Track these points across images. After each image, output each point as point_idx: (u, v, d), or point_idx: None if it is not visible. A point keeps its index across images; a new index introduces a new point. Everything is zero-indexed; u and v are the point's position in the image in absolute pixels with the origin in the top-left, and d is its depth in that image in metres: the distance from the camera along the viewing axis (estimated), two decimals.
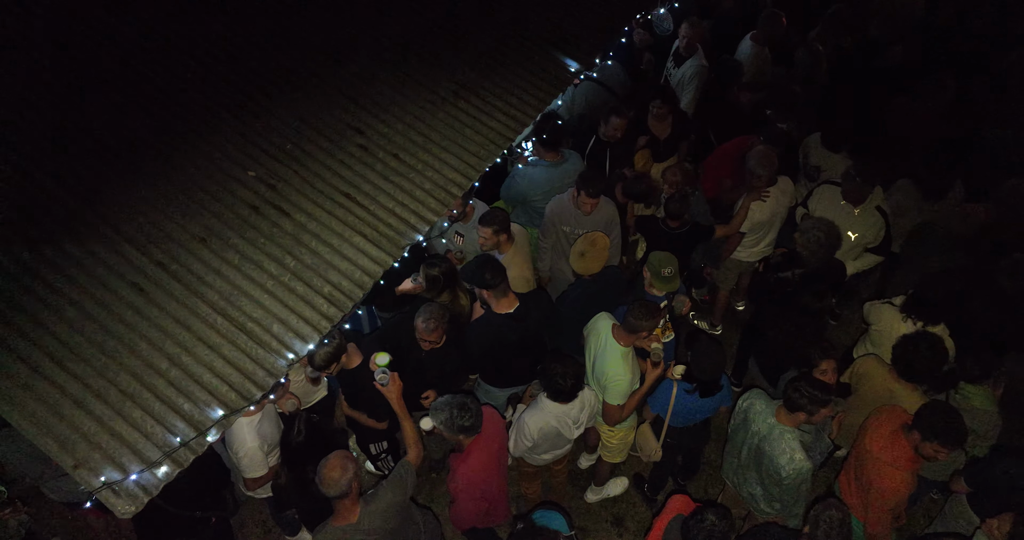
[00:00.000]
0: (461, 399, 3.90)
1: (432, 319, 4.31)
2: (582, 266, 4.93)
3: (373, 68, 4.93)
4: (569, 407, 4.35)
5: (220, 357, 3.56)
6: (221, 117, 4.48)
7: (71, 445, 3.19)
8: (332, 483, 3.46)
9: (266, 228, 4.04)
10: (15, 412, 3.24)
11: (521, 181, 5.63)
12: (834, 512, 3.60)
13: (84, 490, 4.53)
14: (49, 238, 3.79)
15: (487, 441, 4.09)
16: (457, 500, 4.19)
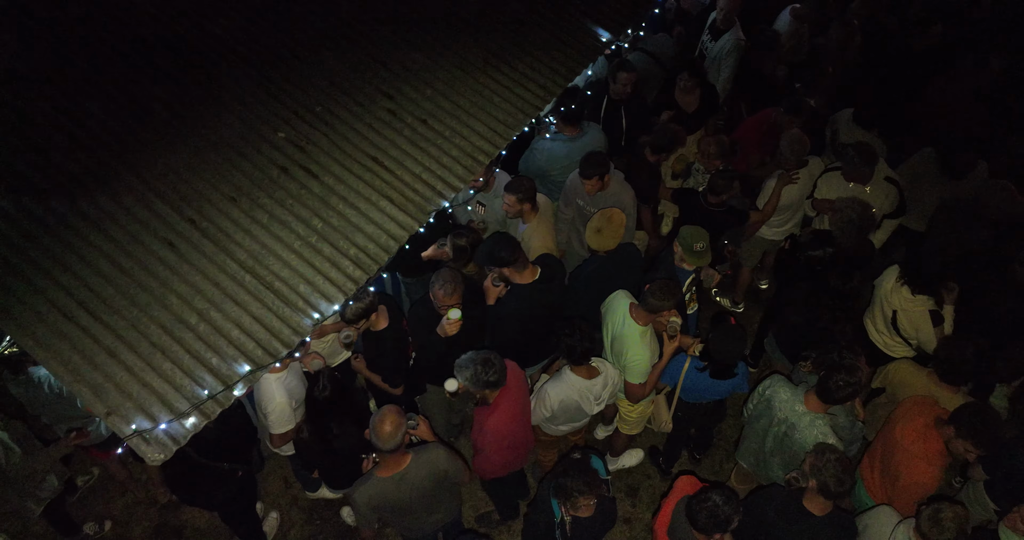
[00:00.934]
0: (484, 355, 3.96)
1: (449, 283, 4.30)
2: (598, 242, 4.89)
3: (404, 33, 4.91)
4: (592, 382, 4.39)
5: (248, 314, 3.62)
6: (253, 78, 4.50)
7: (103, 393, 3.29)
8: (387, 437, 3.60)
9: (295, 189, 4.08)
10: (52, 359, 3.34)
11: (539, 156, 5.62)
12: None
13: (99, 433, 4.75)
14: (85, 193, 3.85)
15: (512, 393, 4.16)
16: (484, 451, 4.27)
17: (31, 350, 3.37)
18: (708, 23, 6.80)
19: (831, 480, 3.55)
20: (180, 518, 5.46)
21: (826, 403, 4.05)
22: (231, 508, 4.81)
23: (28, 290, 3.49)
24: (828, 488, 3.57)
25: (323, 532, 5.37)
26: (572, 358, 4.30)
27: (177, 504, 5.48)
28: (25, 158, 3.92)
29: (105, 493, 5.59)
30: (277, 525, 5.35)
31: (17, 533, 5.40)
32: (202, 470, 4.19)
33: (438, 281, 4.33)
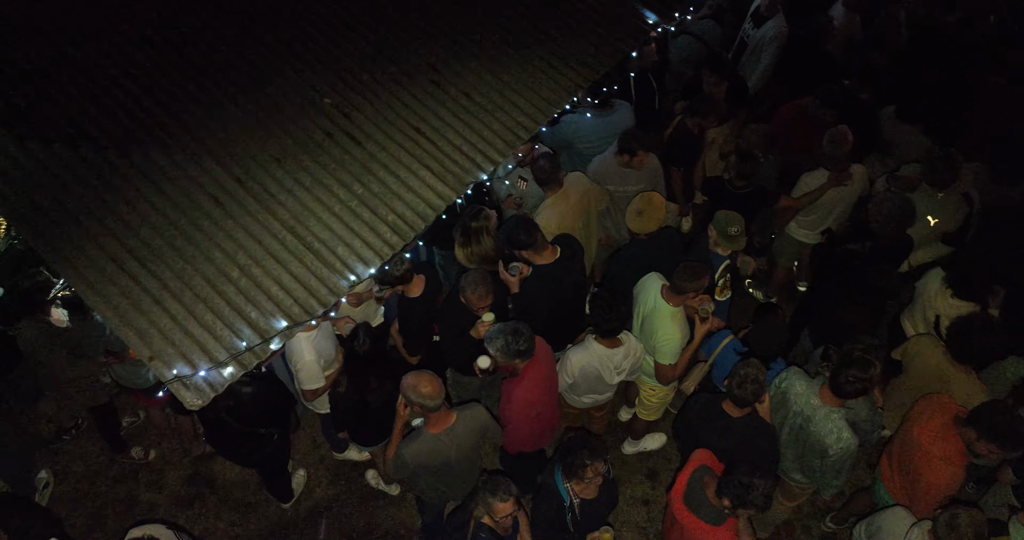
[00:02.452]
0: (513, 325, 4.04)
1: (480, 285, 4.33)
2: (639, 225, 4.89)
3: (452, 6, 4.96)
4: (614, 352, 4.46)
5: (287, 272, 3.73)
6: (304, 43, 4.58)
7: (148, 338, 3.42)
8: (432, 396, 3.74)
9: (338, 154, 4.17)
10: (102, 303, 3.48)
11: (566, 128, 5.63)
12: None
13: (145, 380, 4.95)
14: (139, 147, 3.97)
15: (539, 364, 4.25)
16: (511, 423, 4.36)
17: (83, 293, 3.52)
18: (751, 10, 6.74)
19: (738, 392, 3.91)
20: (212, 470, 5.68)
21: (838, 397, 4.07)
22: (265, 466, 5.02)
23: (83, 236, 3.63)
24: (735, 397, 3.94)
25: (347, 493, 5.53)
26: (600, 330, 4.36)
27: (210, 456, 5.71)
28: (85, 111, 4.04)
29: (145, 439, 5.83)
30: (304, 483, 5.53)
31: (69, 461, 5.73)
32: (240, 432, 4.36)
33: (469, 285, 4.35)
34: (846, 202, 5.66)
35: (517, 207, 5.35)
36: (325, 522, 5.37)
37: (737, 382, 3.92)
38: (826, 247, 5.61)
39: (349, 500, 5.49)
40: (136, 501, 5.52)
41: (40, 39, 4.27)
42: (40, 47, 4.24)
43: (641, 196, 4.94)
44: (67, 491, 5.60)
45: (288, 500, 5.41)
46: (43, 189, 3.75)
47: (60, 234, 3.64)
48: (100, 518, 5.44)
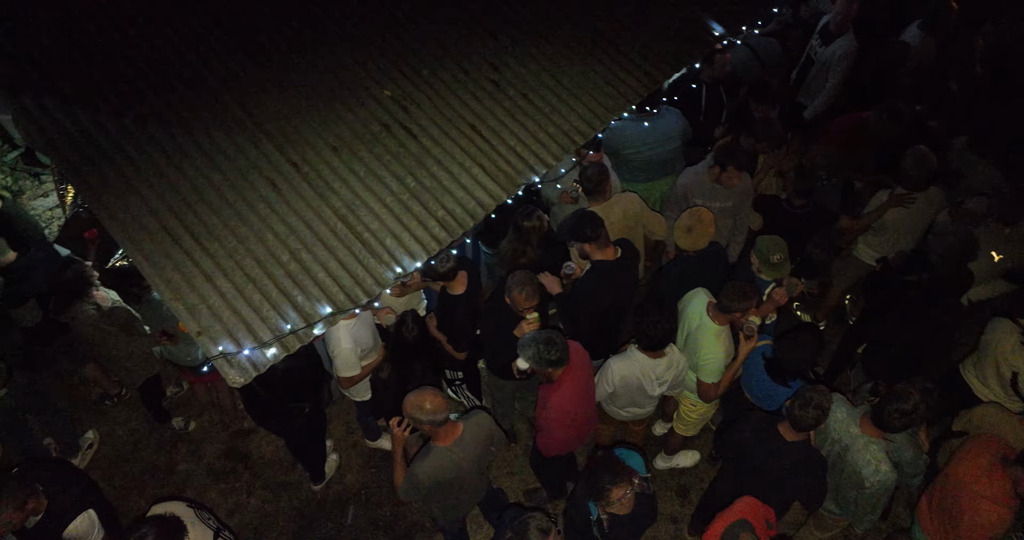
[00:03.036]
0: (547, 334, 4.02)
1: (527, 286, 4.32)
2: (688, 241, 4.82)
3: (516, 6, 4.98)
4: (656, 362, 4.42)
5: (335, 259, 3.80)
6: (367, 35, 4.65)
7: (197, 313, 3.52)
8: (438, 410, 3.69)
9: (393, 146, 4.23)
10: (156, 276, 3.59)
11: (611, 135, 5.57)
12: None
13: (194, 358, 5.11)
14: (202, 126, 4.08)
15: (576, 371, 4.23)
16: (547, 429, 4.36)
17: (139, 265, 3.63)
18: (819, 27, 6.60)
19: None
20: (248, 446, 5.82)
21: (880, 429, 3.95)
22: (298, 439, 5.11)
23: (144, 209, 3.75)
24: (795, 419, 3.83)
25: (376, 482, 5.60)
26: (644, 343, 4.34)
27: (247, 432, 5.87)
28: (155, 88, 4.17)
29: (187, 411, 6.01)
30: (336, 467, 5.63)
31: (113, 425, 5.92)
32: (273, 403, 4.45)
33: (515, 285, 4.33)
34: (920, 225, 5.49)
35: (574, 201, 5.32)
36: (353, 508, 5.45)
37: (800, 404, 3.82)
38: (881, 275, 5.46)
39: (378, 489, 5.56)
40: (174, 470, 5.70)
41: (120, 18, 4.41)
42: (119, 25, 4.38)
43: (690, 212, 4.86)
44: (109, 454, 5.80)
45: (320, 480, 5.51)
46: (111, 162, 3.88)
47: (122, 206, 3.76)
48: (139, 483, 5.62)
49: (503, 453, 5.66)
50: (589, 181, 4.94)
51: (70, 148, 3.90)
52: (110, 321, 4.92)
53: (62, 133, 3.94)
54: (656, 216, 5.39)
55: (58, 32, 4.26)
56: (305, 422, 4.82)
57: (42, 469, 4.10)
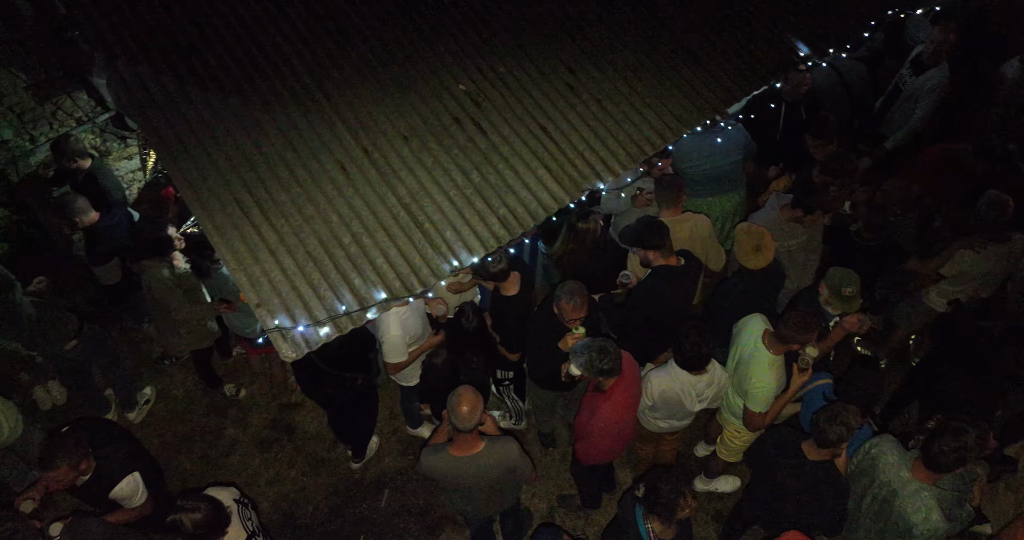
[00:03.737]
0: (600, 343, 4.00)
1: (577, 296, 4.26)
2: (756, 261, 4.71)
3: (597, 10, 4.97)
4: (697, 379, 4.38)
5: (395, 246, 3.87)
6: (448, 29, 4.71)
7: (259, 286, 3.64)
8: (465, 417, 3.66)
9: (462, 140, 4.28)
10: (223, 246, 3.72)
11: (671, 147, 5.44)
12: None
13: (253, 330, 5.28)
14: (281, 104, 4.20)
15: (627, 382, 4.19)
16: (590, 437, 4.32)
17: (208, 233, 3.77)
18: (911, 56, 6.38)
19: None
20: (294, 419, 5.99)
21: (933, 472, 3.76)
22: (346, 412, 5.21)
23: (218, 180, 3.89)
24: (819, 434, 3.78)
25: (413, 469, 5.67)
26: (682, 362, 4.30)
27: (294, 405, 6.04)
28: (241, 65, 4.31)
29: (240, 378, 6.22)
30: (376, 449, 5.74)
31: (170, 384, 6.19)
32: (325, 374, 4.56)
33: (564, 295, 4.27)
34: (996, 273, 5.20)
35: (648, 203, 5.28)
36: (388, 492, 5.54)
37: (826, 418, 3.75)
38: (951, 319, 5.23)
39: (414, 476, 5.64)
40: (222, 434, 5.91)
41: None
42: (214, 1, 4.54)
43: (753, 233, 4.75)
44: (163, 412, 6.06)
45: (361, 457, 5.62)
46: (192, 131, 4.03)
47: (199, 175, 3.91)
48: (187, 443, 5.85)
49: (539, 458, 5.67)
50: (664, 190, 4.89)
51: (155, 115, 4.08)
52: (177, 283, 5.14)
53: (150, 100, 4.11)
54: (719, 249, 5.28)
55: (157, 2, 4.44)
56: (355, 395, 4.92)
57: (92, 429, 4.25)
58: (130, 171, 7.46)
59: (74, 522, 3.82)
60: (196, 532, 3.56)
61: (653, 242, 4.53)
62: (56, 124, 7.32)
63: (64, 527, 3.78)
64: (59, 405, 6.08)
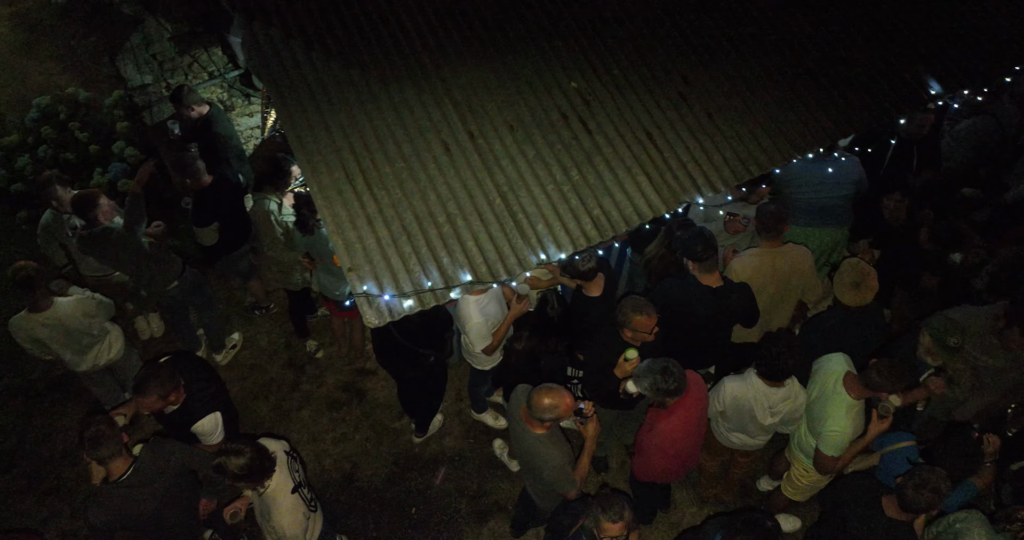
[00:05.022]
0: (663, 363, 3.97)
1: (646, 305, 4.21)
2: (854, 298, 4.55)
3: (722, 22, 4.91)
4: (772, 391, 4.30)
5: (486, 232, 3.95)
6: (569, 26, 4.73)
7: (352, 251, 3.78)
8: (544, 409, 3.80)
9: (567, 137, 4.31)
10: (325, 208, 3.89)
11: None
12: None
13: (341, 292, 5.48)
14: (398, 79, 4.33)
15: (691, 403, 4.15)
16: (647, 453, 4.33)
17: (314, 194, 3.93)
18: None
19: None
20: (365, 384, 6.22)
21: None
22: (415, 386, 5.37)
23: (329, 145, 4.05)
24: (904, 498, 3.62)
25: (471, 452, 5.80)
26: (764, 372, 4.23)
27: (367, 372, 6.26)
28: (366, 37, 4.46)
29: (321, 338, 6.49)
30: (438, 427, 5.89)
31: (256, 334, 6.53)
32: (400, 346, 4.71)
33: (633, 309, 4.20)
34: None
35: (742, 229, 5.19)
36: (444, 471, 5.68)
37: (914, 484, 3.60)
38: None
39: (471, 460, 5.76)
40: (297, 388, 6.19)
41: None
42: None
43: (855, 269, 4.58)
44: (246, 358, 6.40)
45: (423, 433, 5.78)
46: (312, 96, 4.20)
47: (312, 138, 4.08)
48: (264, 392, 6.16)
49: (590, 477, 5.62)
50: (766, 218, 4.77)
51: (281, 77, 4.27)
52: (279, 225, 5.40)
53: (277, 62, 4.31)
54: (818, 283, 5.12)
55: None
56: (425, 372, 5.05)
57: (188, 364, 4.52)
58: (250, 127, 7.87)
59: (155, 442, 4.10)
60: (240, 475, 3.73)
61: (697, 254, 4.48)
62: (191, 75, 7.81)
63: (145, 446, 4.06)
64: (156, 337, 6.53)
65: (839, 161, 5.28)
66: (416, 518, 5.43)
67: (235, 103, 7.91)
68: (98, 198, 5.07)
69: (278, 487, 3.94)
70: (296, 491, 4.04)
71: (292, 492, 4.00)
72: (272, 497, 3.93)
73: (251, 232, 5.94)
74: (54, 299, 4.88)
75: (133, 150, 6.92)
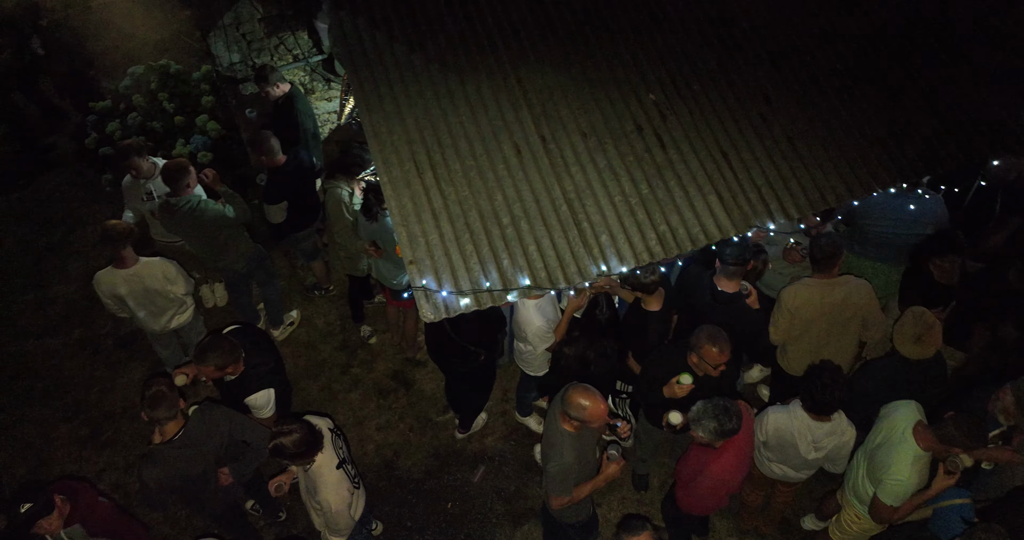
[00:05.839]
0: (722, 403, 3.84)
1: (722, 339, 4.05)
2: (914, 351, 4.31)
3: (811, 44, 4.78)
4: (817, 425, 4.18)
5: (549, 237, 3.95)
6: (651, 36, 4.69)
7: (416, 244, 3.84)
8: (579, 406, 3.75)
9: (639, 149, 4.28)
10: (393, 198, 3.95)
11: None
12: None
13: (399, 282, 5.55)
14: (475, 79, 4.36)
15: (744, 438, 4.03)
16: (695, 493, 4.20)
17: (383, 185, 4.01)
18: None
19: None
20: (414, 375, 6.29)
21: None
22: (463, 382, 5.42)
23: (402, 137, 4.12)
24: None
25: (512, 455, 5.79)
26: (809, 405, 4.12)
27: (417, 363, 6.34)
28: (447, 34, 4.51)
29: (375, 325, 6.60)
30: (482, 425, 5.92)
31: (314, 314, 6.70)
32: (452, 341, 4.76)
33: (707, 339, 4.05)
34: None
35: (801, 260, 5.07)
36: (483, 469, 5.70)
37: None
38: None
39: (511, 462, 5.76)
40: (348, 371, 6.31)
41: None
42: None
43: (918, 319, 4.33)
44: (302, 337, 6.55)
45: (466, 430, 5.82)
46: (390, 87, 4.27)
47: (387, 128, 4.15)
48: (315, 372, 6.30)
49: (628, 496, 5.59)
50: (821, 251, 4.59)
51: (362, 65, 4.36)
52: (348, 210, 5.53)
53: (360, 51, 4.40)
54: (881, 318, 4.86)
55: None
56: (474, 369, 5.07)
57: (251, 338, 4.64)
58: (327, 112, 8.05)
59: (206, 407, 4.24)
60: (296, 452, 3.82)
61: (724, 255, 4.42)
62: (276, 57, 8.03)
63: (197, 409, 4.22)
64: (219, 306, 6.75)
65: (922, 198, 5.05)
66: (451, 513, 5.47)
67: (315, 87, 8.10)
68: (188, 169, 5.27)
69: (323, 463, 4.03)
70: (341, 467, 4.12)
71: (337, 468, 4.08)
72: (318, 472, 4.02)
73: (319, 214, 6.07)
74: (139, 258, 5.11)
75: (215, 125, 7.14)
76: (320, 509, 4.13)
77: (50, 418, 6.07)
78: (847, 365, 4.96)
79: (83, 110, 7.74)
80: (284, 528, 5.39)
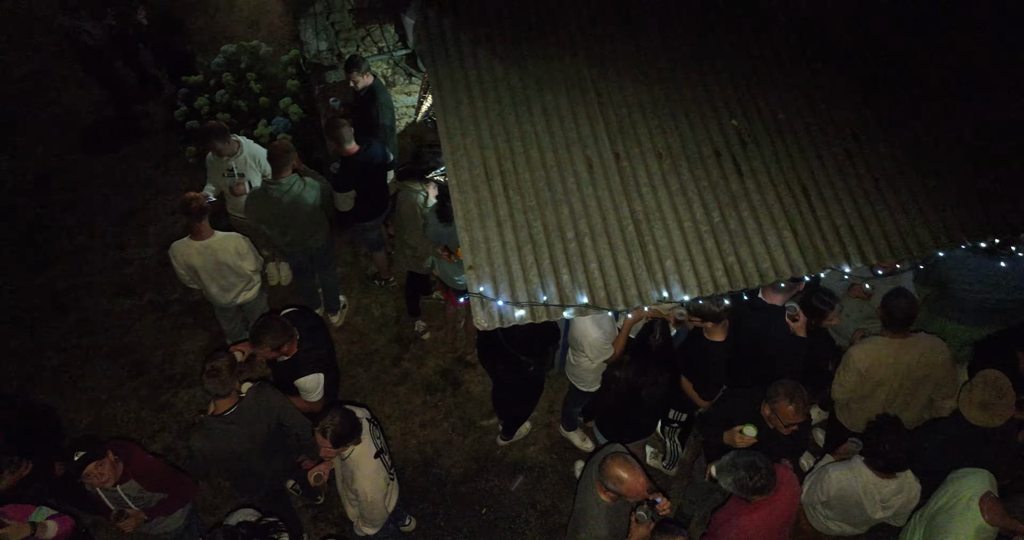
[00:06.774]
0: (749, 458, 3.69)
1: (799, 398, 3.88)
2: (981, 418, 4.10)
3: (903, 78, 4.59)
4: (883, 483, 4.01)
5: (612, 257, 3.89)
6: (743, 61, 4.56)
7: (477, 249, 3.82)
8: (619, 480, 3.59)
9: (715, 175, 4.17)
10: (459, 202, 3.95)
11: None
12: None
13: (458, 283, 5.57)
14: (553, 89, 4.32)
15: (780, 504, 3.83)
16: (718, 537, 4.05)
17: (451, 187, 4.00)
18: None
19: None
20: (463, 376, 6.30)
21: None
22: (510, 390, 5.40)
23: (474, 142, 4.10)
24: None
25: (552, 467, 5.75)
26: (873, 462, 3.95)
27: (468, 364, 6.35)
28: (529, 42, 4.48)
29: (431, 321, 6.64)
30: (525, 435, 5.90)
31: (371, 302, 6.82)
32: (503, 348, 4.74)
33: (785, 395, 3.89)
34: None
35: (867, 297, 4.89)
36: (521, 479, 5.67)
37: None
38: None
39: (551, 475, 5.71)
40: (398, 364, 6.37)
41: None
42: None
43: (990, 385, 4.09)
44: (357, 325, 6.65)
45: (508, 437, 5.81)
46: (468, 90, 4.27)
47: (460, 131, 4.14)
48: (367, 360, 6.39)
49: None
50: (900, 312, 4.36)
51: (443, 65, 4.37)
52: (419, 212, 5.59)
53: (443, 51, 4.41)
54: (955, 381, 4.58)
55: None
56: (523, 379, 5.06)
57: (306, 322, 4.72)
58: (405, 106, 8.13)
59: (260, 387, 4.35)
60: (337, 439, 3.89)
61: (822, 304, 4.38)
62: (362, 48, 8.16)
63: (252, 387, 4.33)
64: (283, 285, 6.92)
65: (1016, 257, 4.74)
66: (484, 519, 5.47)
67: (397, 80, 8.19)
68: (292, 153, 5.42)
69: (360, 452, 4.08)
70: (378, 457, 4.17)
71: (375, 457, 4.14)
72: (355, 461, 4.08)
73: (387, 207, 6.14)
74: (215, 232, 5.28)
75: (298, 108, 7.33)
76: (355, 498, 4.18)
77: (117, 375, 6.33)
78: (912, 425, 4.70)
79: (176, 82, 8.04)
80: (321, 511, 5.49)
